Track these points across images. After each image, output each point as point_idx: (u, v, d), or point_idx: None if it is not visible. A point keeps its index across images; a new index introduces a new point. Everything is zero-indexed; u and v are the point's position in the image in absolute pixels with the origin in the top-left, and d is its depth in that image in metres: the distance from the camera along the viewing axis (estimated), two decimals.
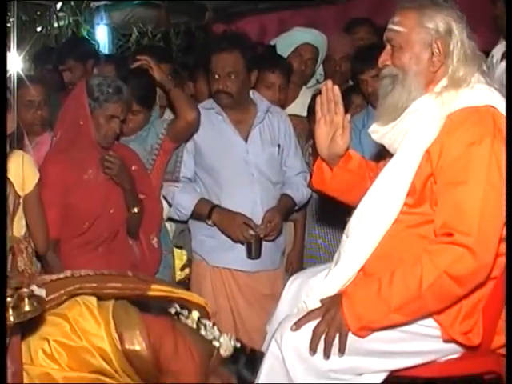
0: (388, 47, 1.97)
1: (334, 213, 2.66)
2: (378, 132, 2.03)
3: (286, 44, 3.64)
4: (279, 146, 3.06)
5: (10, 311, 1.71)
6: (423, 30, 1.90)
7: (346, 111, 2.03)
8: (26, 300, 1.75)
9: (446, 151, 1.81)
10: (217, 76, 2.91)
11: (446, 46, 1.90)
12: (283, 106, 3.34)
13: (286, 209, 3.06)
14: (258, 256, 2.92)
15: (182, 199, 2.95)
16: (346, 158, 2.09)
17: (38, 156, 2.75)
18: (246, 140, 3.00)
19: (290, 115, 3.25)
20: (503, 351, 1.95)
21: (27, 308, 1.74)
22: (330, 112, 2.02)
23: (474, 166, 1.77)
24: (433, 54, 1.91)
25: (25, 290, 1.78)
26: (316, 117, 2.06)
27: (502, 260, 1.84)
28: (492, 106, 1.84)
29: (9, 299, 1.74)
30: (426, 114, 1.89)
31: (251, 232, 2.88)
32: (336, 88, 2.02)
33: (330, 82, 2.04)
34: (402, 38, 1.93)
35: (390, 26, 1.97)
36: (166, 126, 2.90)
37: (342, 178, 2.12)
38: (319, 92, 2.08)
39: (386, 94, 1.98)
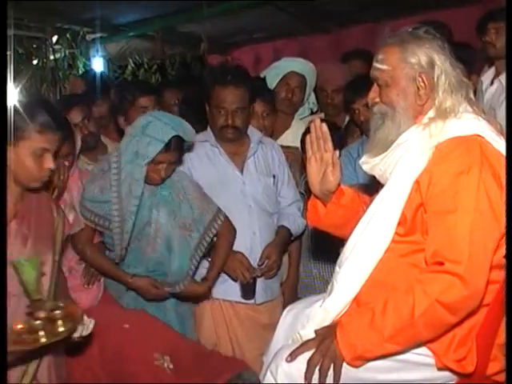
0: (375, 85, 2.01)
1: (329, 242, 2.66)
2: (369, 163, 2.06)
3: (273, 74, 3.69)
4: (274, 176, 3.06)
5: (41, 333, 1.76)
6: (407, 66, 1.93)
7: (336, 147, 2.05)
8: (59, 321, 1.80)
9: (434, 181, 1.83)
10: (223, 111, 2.86)
11: (430, 78, 1.93)
12: (270, 133, 3.31)
13: (284, 241, 3.05)
14: (253, 296, 2.90)
15: None
16: (339, 193, 2.11)
17: None
18: (241, 172, 2.99)
19: (281, 146, 3.24)
20: (498, 378, 1.96)
21: (61, 329, 1.80)
22: (320, 149, 2.03)
23: (462, 195, 1.79)
24: (418, 87, 1.94)
25: (57, 312, 1.82)
26: (307, 155, 2.08)
27: (494, 287, 1.85)
28: (479, 135, 1.86)
29: (37, 322, 1.79)
30: (415, 145, 1.91)
31: (249, 274, 2.85)
32: (324, 125, 2.03)
33: (317, 120, 2.06)
34: (387, 75, 1.96)
35: (375, 65, 1.99)
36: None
37: (336, 213, 2.13)
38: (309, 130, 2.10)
39: (376, 128, 2.01)
